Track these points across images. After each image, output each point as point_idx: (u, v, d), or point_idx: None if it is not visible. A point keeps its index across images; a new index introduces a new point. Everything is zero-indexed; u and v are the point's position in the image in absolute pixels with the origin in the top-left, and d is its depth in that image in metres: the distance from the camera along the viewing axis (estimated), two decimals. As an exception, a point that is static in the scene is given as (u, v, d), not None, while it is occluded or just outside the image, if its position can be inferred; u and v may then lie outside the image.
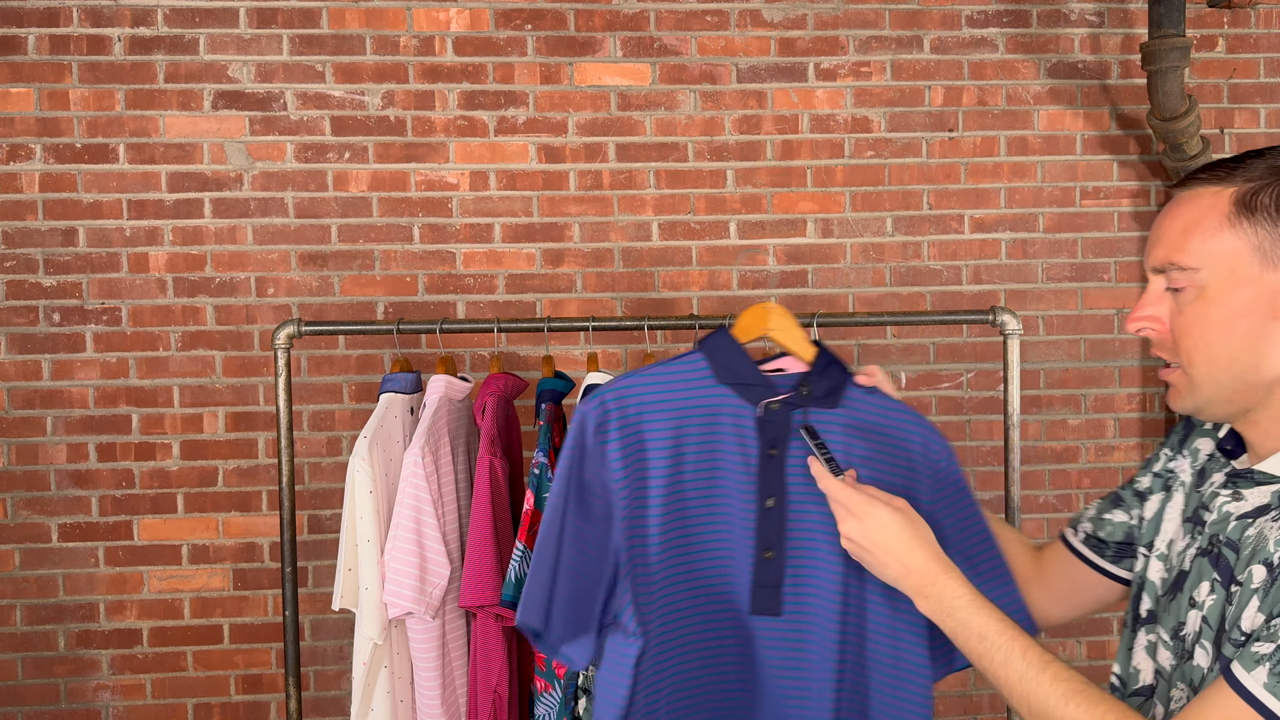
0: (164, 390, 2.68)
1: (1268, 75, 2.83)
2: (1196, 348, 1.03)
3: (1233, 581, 1.00)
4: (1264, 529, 0.99)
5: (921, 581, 1.12)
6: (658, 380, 1.29)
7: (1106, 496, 1.31)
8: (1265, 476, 1.03)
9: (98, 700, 2.69)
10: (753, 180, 2.75)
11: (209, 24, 2.65)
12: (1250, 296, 1.00)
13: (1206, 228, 1.01)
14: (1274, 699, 0.90)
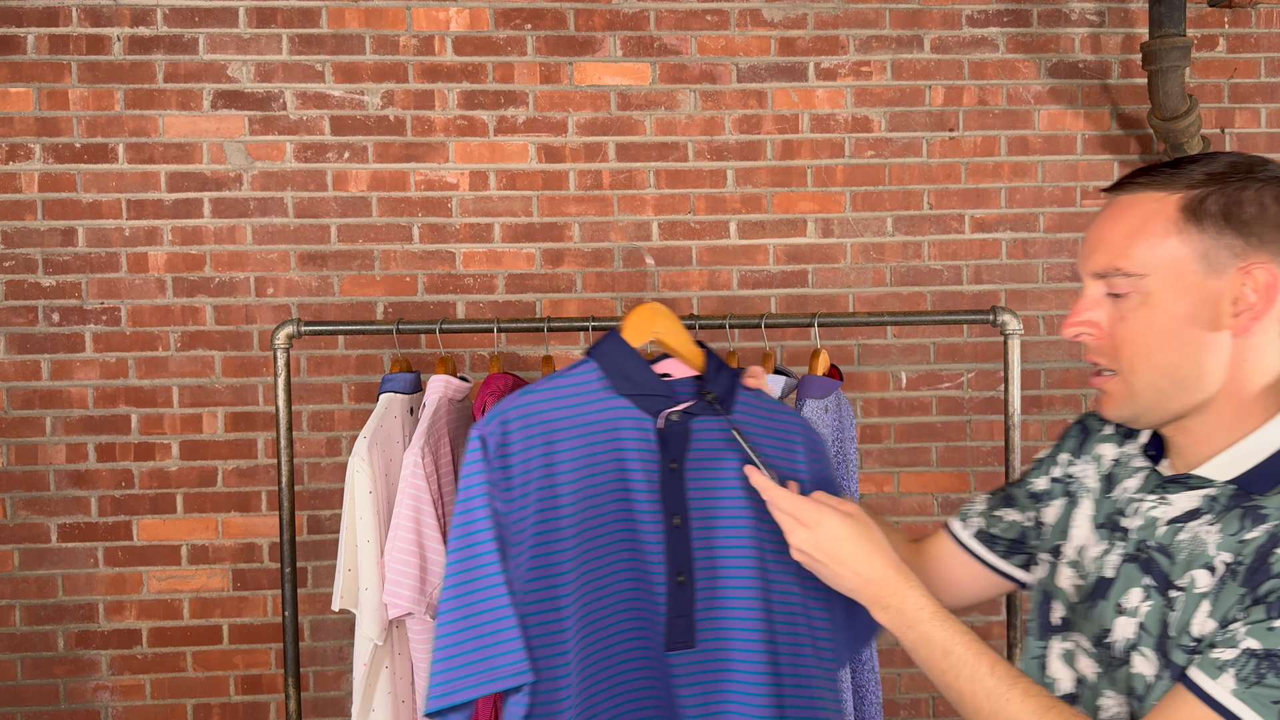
0: (163, 390, 2.68)
1: (1268, 75, 2.83)
2: (1139, 355, 1.01)
3: (1170, 587, 0.99)
4: (1199, 533, 0.99)
5: (880, 592, 1.07)
6: (556, 394, 1.19)
7: (995, 493, 1.30)
8: (1200, 481, 1.02)
9: (97, 701, 2.69)
10: (753, 180, 2.75)
11: (208, 23, 2.65)
12: (1194, 304, 0.98)
13: (1153, 233, 0.99)
14: (1244, 706, 0.89)
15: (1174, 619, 0.98)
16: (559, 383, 1.20)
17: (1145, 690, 0.99)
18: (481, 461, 1.13)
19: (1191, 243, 0.98)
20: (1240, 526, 0.97)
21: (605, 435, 1.19)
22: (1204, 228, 0.98)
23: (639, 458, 1.20)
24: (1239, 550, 0.95)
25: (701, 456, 1.22)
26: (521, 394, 1.18)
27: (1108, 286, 1.02)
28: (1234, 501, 0.99)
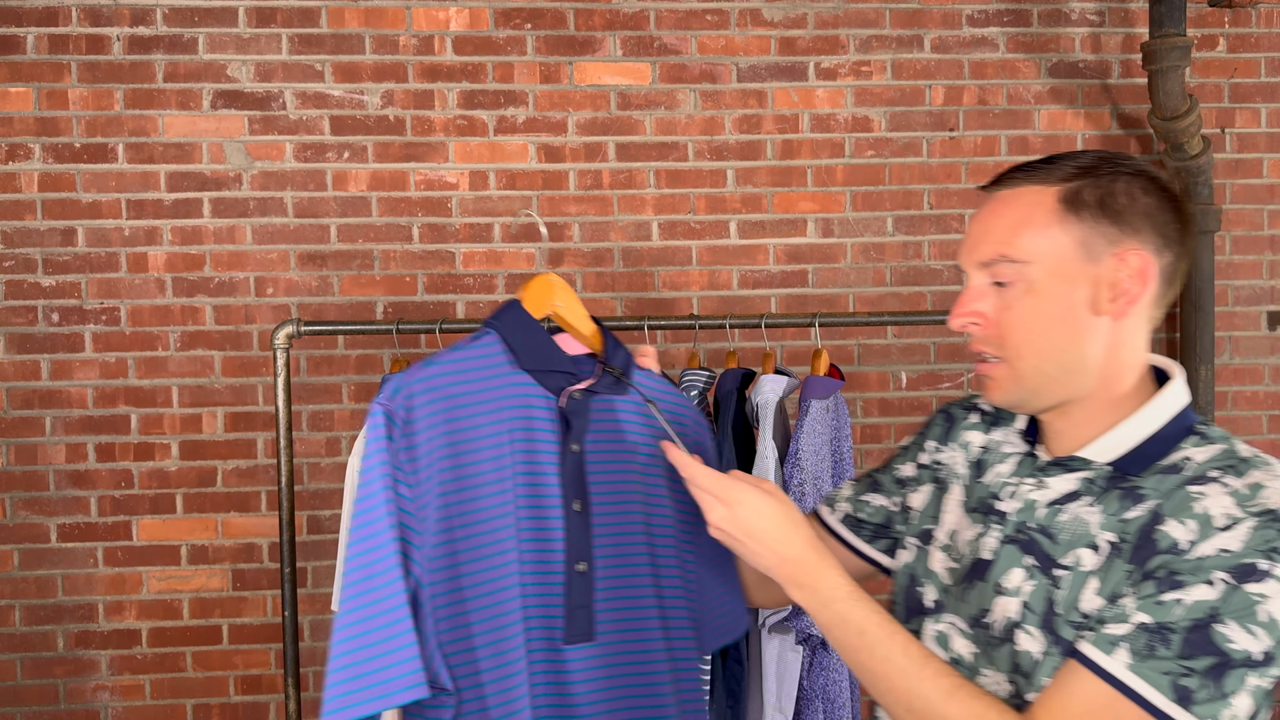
0: (163, 390, 2.68)
1: (1269, 75, 2.83)
2: (1026, 341, 1.04)
3: (1055, 566, 1.02)
4: (1079, 514, 1.03)
5: (798, 571, 1.07)
6: (459, 366, 1.10)
7: (861, 479, 1.32)
8: (1081, 464, 1.05)
9: (97, 701, 2.69)
10: (753, 180, 2.75)
11: (208, 23, 2.65)
12: (1075, 290, 1.02)
13: (1035, 223, 1.03)
14: (1139, 679, 0.92)
15: (1061, 597, 1.01)
16: (461, 354, 1.11)
17: (1033, 667, 1.02)
18: (385, 439, 1.02)
19: (1071, 231, 1.02)
20: (1120, 506, 1.01)
21: (507, 413, 1.11)
22: (1082, 217, 1.02)
23: (541, 438, 1.13)
24: (1122, 529, 0.99)
25: (603, 437, 1.17)
26: (425, 365, 1.08)
27: (992, 276, 1.05)
28: (1111, 483, 1.03)
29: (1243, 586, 0.92)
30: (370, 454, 1.02)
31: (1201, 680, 0.91)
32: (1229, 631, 0.92)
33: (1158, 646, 0.93)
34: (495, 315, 1.15)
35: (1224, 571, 0.93)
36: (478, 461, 1.08)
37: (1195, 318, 2.74)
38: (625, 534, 1.17)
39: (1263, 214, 2.84)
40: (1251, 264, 2.85)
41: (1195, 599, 0.93)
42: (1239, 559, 0.93)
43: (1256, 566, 0.92)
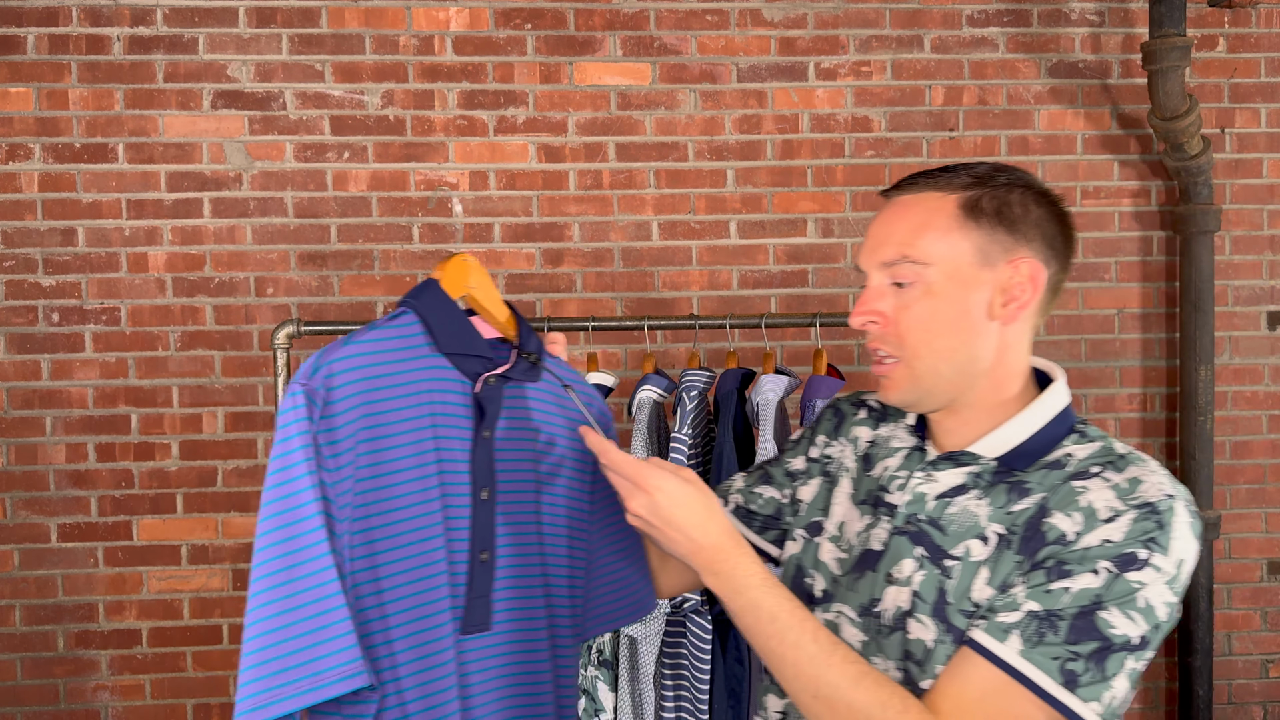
0: (163, 390, 2.68)
1: (1268, 75, 2.83)
2: (924, 341, 1.08)
3: (945, 557, 1.07)
4: (968, 506, 1.08)
5: (713, 558, 1.07)
6: (379, 346, 1.06)
7: (753, 471, 1.34)
8: (970, 458, 1.10)
9: (97, 701, 2.69)
10: (753, 180, 2.75)
11: (208, 23, 2.65)
12: (971, 295, 1.07)
13: (937, 228, 1.07)
14: (1030, 665, 0.97)
15: (952, 586, 1.05)
16: (380, 334, 1.07)
17: (925, 655, 1.05)
18: (306, 421, 0.97)
19: (970, 238, 1.07)
20: (1007, 500, 1.06)
21: (424, 397, 1.08)
22: (980, 224, 1.07)
23: (454, 424, 1.10)
24: (1009, 521, 1.05)
25: (514, 424, 1.15)
26: (345, 344, 1.04)
27: (893, 276, 1.09)
28: (997, 477, 1.08)
29: (1124, 575, 0.98)
30: (290, 435, 0.96)
31: (1086, 664, 0.97)
32: (1111, 618, 0.97)
33: (1047, 633, 0.98)
34: (413, 294, 1.12)
35: (1107, 561, 0.98)
36: (396, 446, 1.04)
37: (1195, 318, 2.74)
38: (523, 522, 1.16)
39: (1263, 214, 2.84)
40: (1251, 264, 2.85)
41: (1081, 587, 0.98)
42: (1121, 549, 0.99)
43: (1137, 556, 0.98)
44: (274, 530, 0.95)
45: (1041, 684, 0.97)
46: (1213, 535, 2.75)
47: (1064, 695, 0.97)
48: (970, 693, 1.00)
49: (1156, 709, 2.89)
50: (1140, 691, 2.88)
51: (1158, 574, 0.98)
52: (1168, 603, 0.99)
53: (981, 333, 1.08)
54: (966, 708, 0.99)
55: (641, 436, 1.85)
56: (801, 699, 1.04)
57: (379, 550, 1.02)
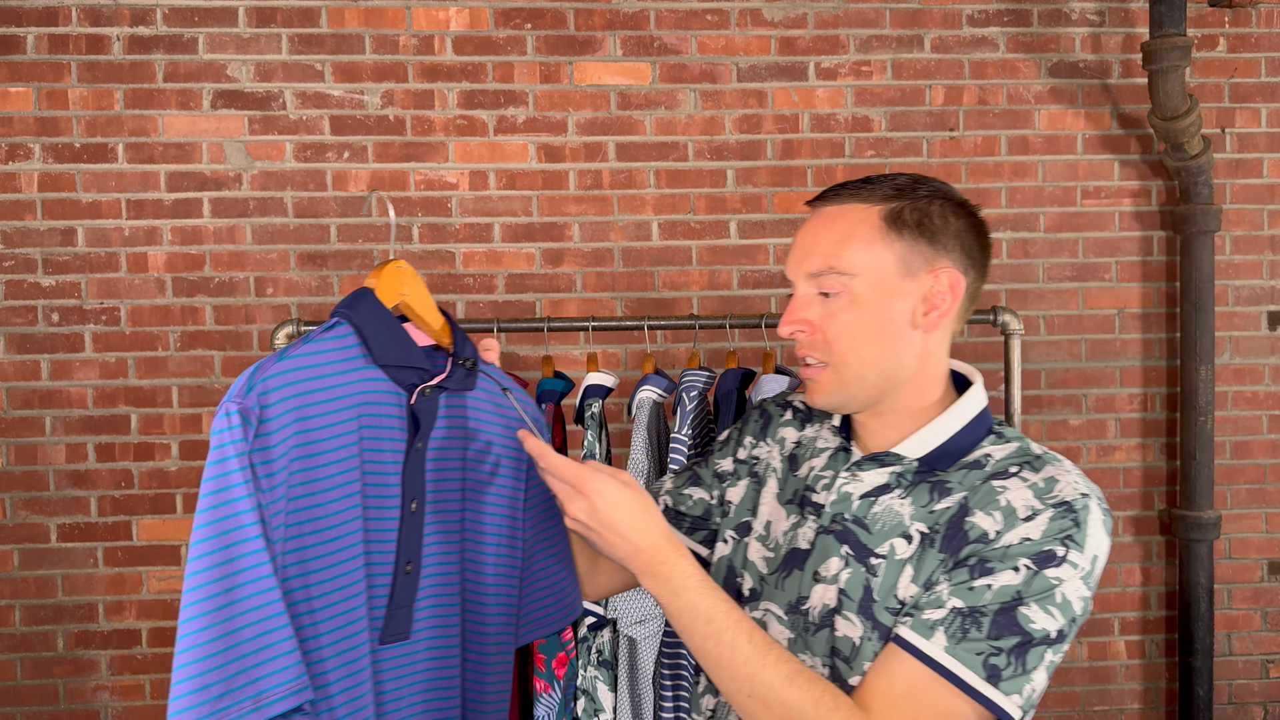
0: (163, 390, 2.68)
1: (1269, 75, 2.83)
2: (850, 349, 1.12)
3: (871, 555, 1.10)
4: (891, 505, 1.12)
5: (651, 560, 1.08)
6: (312, 360, 1.04)
7: (682, 473, 1.37)
8: (894, 458, 1.14)
9: (97, 701, 2.69)
10: (753, 180, 2.75)
11: (208, 23, 2.65)
12: (895, 303, 1.11)
13: (861, 239, 1.11)
14: (956, 661, 1.01)
15: (877, 584, 1.09)
16: (314, 346, 1.05)
17: (852, 651, 1.08)
18: (242, 441, 0.94)
19: (893, 249, 1.11)
20: (930, 499, 1.10)
21: (357, 410, 1.06)
22: (903, 235, 1.11)
23: (388, 436, 1.09)
24: (932, 520, 1.09)
25: (450, 434, 1.15)
26: (278, 359, 1.02)
27: (819, 286, 1.13)
28: (919, 477, 1.13)
29: (1043, 571, 1.02)
30: (227, 456, 0.94)
31: (1008, 658, 1.01)
32: (1031, 613, 1.02)
33: (970, 629, 1.02)
34: (347, 304, 1.09)
35: (1027, 558, 1.03)
36: (327, 464, 1.03)
37: (1195, 318, 2.74)
38: (449, 532, 1.15)
39: (1263, 214, 2.84)
40: (1251, 264, 2.85)
41: (1002, 584, 1.02)
42: (1039, 547, 1.03)
43: (1055, 553, 1.03)
44: (213, 552, 0.92)
45: (966, 679, 1.01)
46: (1213, 535, 2.75)
47: (987, 689, 1.01)
48: (898, 689, 1.03)
49: (1156, 709, 2.89)
50: (1140, 691, 2.88)
51: (1074, 570, 1.03)
52: (1083, 597, 1.04)
53: (905, 340, 1.12)
54: (895, 703, 1.02)
55: (641, 436, 1.85)
56: (737, 699, 1.05)
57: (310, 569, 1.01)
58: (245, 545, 0.93)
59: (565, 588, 1.28)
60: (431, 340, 1.18)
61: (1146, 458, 2.86)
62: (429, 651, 1.14)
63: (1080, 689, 2.87)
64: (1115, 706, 2.88)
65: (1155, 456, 2.86)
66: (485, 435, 1.19)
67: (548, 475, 1.11)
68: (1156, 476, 2.86)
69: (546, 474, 1.11)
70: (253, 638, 0.92)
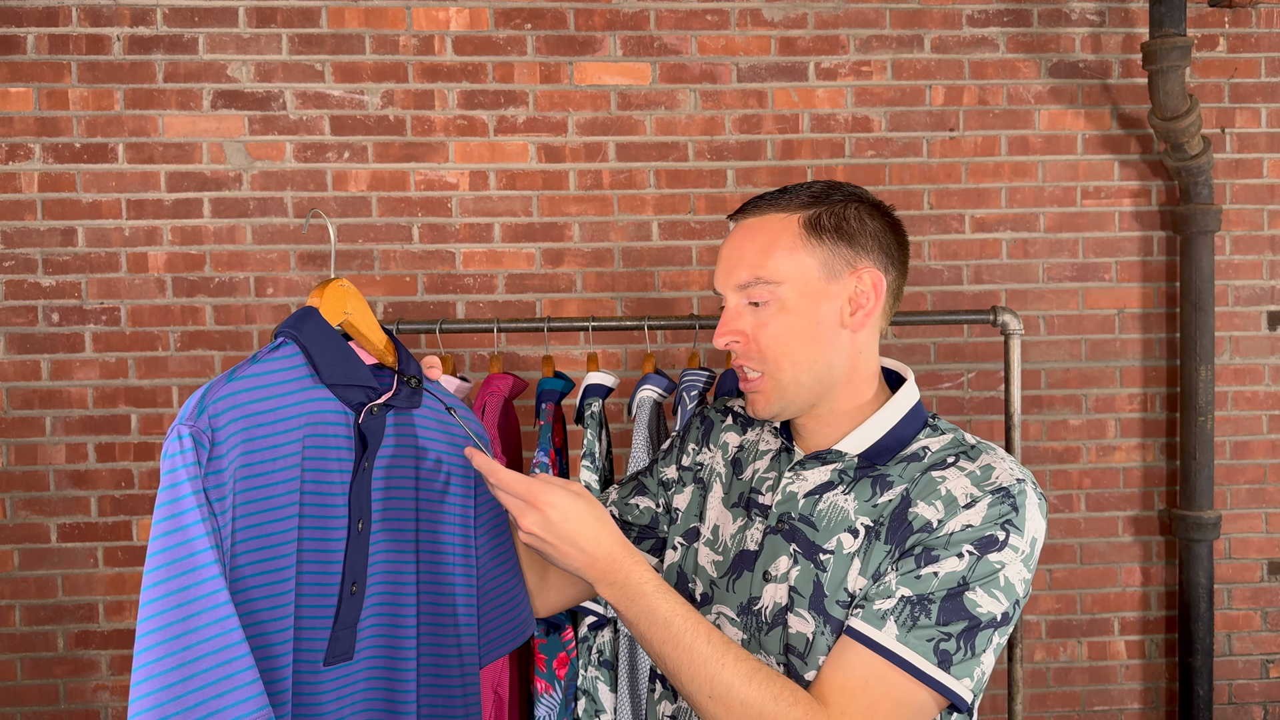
0: (163, 390, 2.68)
1: (1269, 75, 2.83)
2: (784, 354, 1.15)
3: (819, 551, 1.13)
4: (835, 501, 1.15)
5: (608, 569, 1.08)
6: (260, 381, 1.03)
7: (627, 482, 1.39)
8: (835, 456, 1.17)
9: (97, 701, 2.69)
10: (753, 180, 2.75)
11: (208, 23, 2.65)
12: (822, 306, 1.15)
13: (783, 247, 1.15)
14: (908, 649, 1.04)
15: (826, 579, 1.12)
16: (262, 367, 1.04)
17: (806, 647, 1.11)
18: (195, 465, 0.94)
19: (815, 254, 1.15)
20: (872, 493, 1.14)
21: (304, 431, 1.06)
22: (823, 240, 1.15)
23: (335, 456, 1.09)
24: (876, 514, 1.12)
25: (393, 453, 1.15)
26: (227, 380, 1.01)
27: (748, 297, 1.16)
28: (861, 472, 1.16)
29: (985, 556, 1.06)
30: (179, 481, 0.93)
31: (957, 643, 1.04)
32: (977, 598, 1.05)
33: (920, 616, 1.05)
34: (293, 324, 1.09)
35: (969, 544, 1.06)
36: (271, 484, 1.02)
37: (1195, 318, 2.74)
38: (399, 552, 1.15)
39: (1263, 214, 2.84)
40: (1251, 264, 2.85)
41: (948, 570, 1.06)
42: (981, 532, 1.07)
43: (996, 538, 1.06)
44: (169, 579, 0.92)
45: (919, 665, 1.03)
46: (1213, 535, 2.75)
47: (940, 675, 1.03)
48: (854, 680, 1.05)
49: (1156, 709, 2.89)
50: (1140, 691, 2.88)
51: (1015, 554, 1.07)
52: (1024, 579, 1.08)
53: (835, 341, 1.16)
54: (851, 694, 1.04)
55: (642, 436, 1.85)
56: (697, 700, 1.06)
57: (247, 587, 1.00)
58: (201, 572, 0.92)
59: (520, 604, 1.27)
60: (375, 359, 1.18)
61: (1146, 458, 2.86)
62: (376, 672, 1.12)
63: (1080, 689, 2.87)
64: (1115, 706, 2.88)
65: (1155, 456, 2.86)
66: (434, 452, 1.19)
67: (498, 491, 1.10)
68: (1156, 476, 2.86)
69: (497, 490, 1.10)
70: (212, 667, 0.91)
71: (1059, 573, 2.84)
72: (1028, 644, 2.84)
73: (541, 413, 1.89)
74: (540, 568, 1.32)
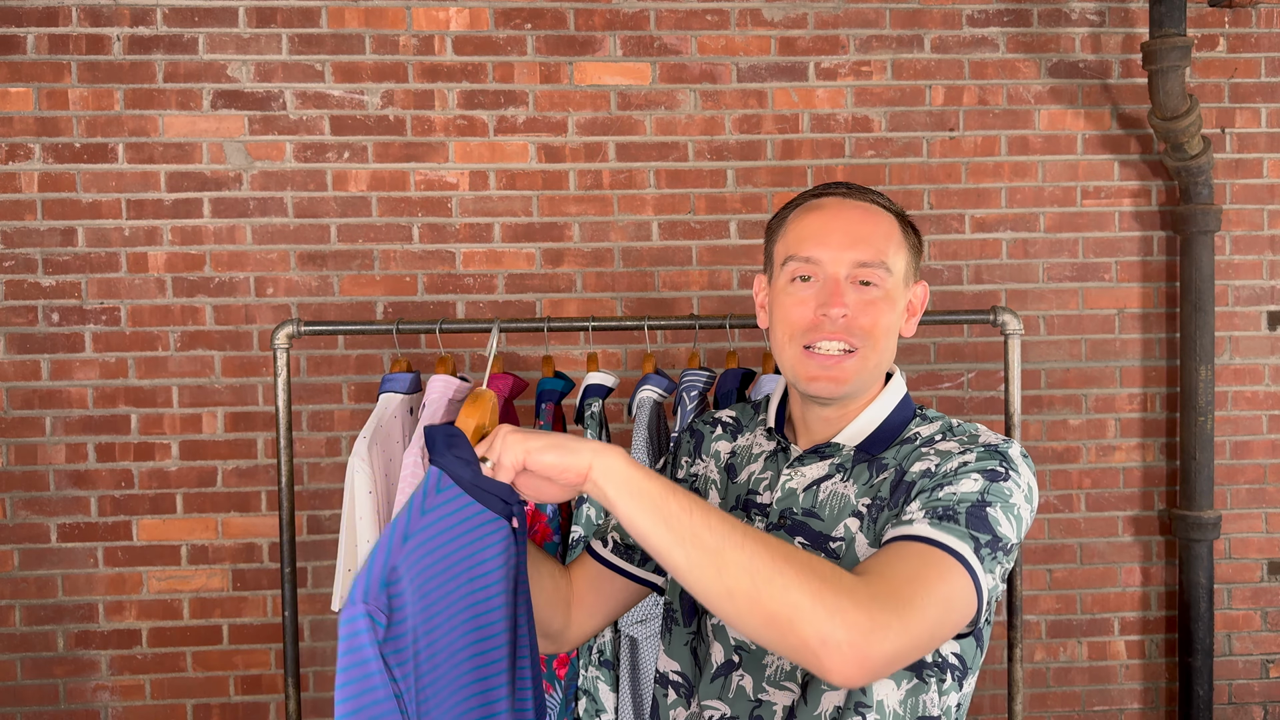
0: (163, 390, 2.68)
1: (1269, 75, 2.83)
2: (881, 338, 1.18)
3: (828, 540, 1.14)
4: (836, 490, 1.17)
5: (596, 456, 1.02)
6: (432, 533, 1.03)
7: None
8: (833, 449, 1.20)
9: (97, 701, 2.69)
10: (753, 180, 2.75)
11: (208, 23, 2.65)
12: (899, 306, 1.21)
13: (895, 241, 1.20)
14: (940, 532, 1.03)
15: (842, 565, 1.11)
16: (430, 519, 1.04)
17: None
18: (372, 645, 0.96)
19: (906, 258, 1.22)
20: (869, 476, 1.16)
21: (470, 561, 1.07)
22: (908, 248, 1.22)
23: (503, 565, 1.10)
24: (874, 492, 1.14)
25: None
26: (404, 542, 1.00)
27: (862, 276, 1.17)
28: (857, 462, 1.18)
29: (994, 484, 1.08)
30: (366, 660, 0.95)
31: (986, 550, 1.04)
32: (997, 514, 1.06)
33: (947, 520, 1.04)
34: (437, 455, 1.07)
35: (976, 473, 1.09)
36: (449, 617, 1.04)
37: (1195, 318, 2.74)
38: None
39: (1263, 214, 2.84)
40: (1251, 264, 2.85)
41: (965, 490, 1.07)
42: (982, 466, 1.10)
43: (997, 471, 1.09)
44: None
45: (951, 544, 1.02)
46: (1213, 535, 2.75)
47: (971, 558, 1.02)
48: (887, 556, 1.03)
49: (1156, 709, 2.89)
50: (1140, 691, 2.88)
51: (1018, 488, 1.09)
52: (1025, 521, 1.10)
53: (894, 339, 1.22)
54: (886, 562, 1.02)
55: (642, 436, 1.85)
56: (704, 572, 0.96)
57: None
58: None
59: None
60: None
61: (1146, 458, 2.86)
62: None
63: (1080, 689, 2.87)
64: (1115, 706, 2.88)
65: (1155, 456, 2.86)
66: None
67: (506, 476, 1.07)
68: (1156, 476, 2.86)
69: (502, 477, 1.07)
70: None
71: (1059, 573, 2.84)
72: (1028, 644, 2.84)
73: (541, 413, 1.89)
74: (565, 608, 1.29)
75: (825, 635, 0.92)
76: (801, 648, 0.93)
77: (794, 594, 0.93)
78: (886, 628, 0.94)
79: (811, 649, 0.93)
